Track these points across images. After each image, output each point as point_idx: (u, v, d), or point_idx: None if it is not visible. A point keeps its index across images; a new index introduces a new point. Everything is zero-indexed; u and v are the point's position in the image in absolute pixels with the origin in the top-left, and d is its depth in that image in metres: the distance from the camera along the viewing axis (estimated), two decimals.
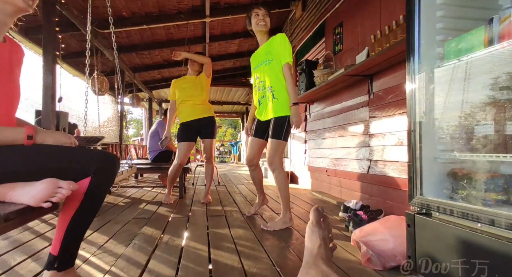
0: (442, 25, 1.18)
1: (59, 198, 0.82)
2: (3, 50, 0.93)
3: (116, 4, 3.50)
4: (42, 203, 0.80)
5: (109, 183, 0.98)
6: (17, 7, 0.89)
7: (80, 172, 0.90)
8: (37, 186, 0.81)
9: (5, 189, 0.83)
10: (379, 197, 2.26)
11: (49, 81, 2.55)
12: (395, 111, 2.10)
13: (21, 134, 0.87)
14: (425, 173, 1.17)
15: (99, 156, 0.93)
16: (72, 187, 0.84)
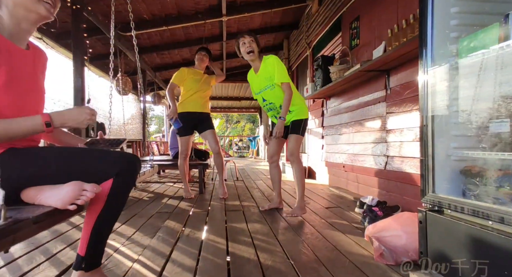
0: (456, 22, 1.16)
1: (84, 200, 0.84)
2: (27, 58, 0.95)
3: (137, 8, 3.65)
4: (68, 205, 0.83)
5: (130, 184, 0.99)
6: (39, 15, 0.93)
7: (103, 174, 0.92)
8: (63, 189, 0.84)
9: (34, 192, 0.86)
10: (397, 193, 2.25)
11: (79, 84, 2.74)
12: (413, 107, 2.07)
13: (38, 121, 0.85)
14: (438, 170, 1.18)
15: (121, 158, 0.94)
16: (96, 190, 0.86)
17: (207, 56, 2.92)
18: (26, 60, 0.94)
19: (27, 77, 0.94)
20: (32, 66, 0.98)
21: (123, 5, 3.42)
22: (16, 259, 1.34)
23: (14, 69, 0.88)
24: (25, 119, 0.84)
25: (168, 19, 4.07)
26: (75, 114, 0.91)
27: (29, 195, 0.86)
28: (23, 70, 0.93)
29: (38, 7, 0.91)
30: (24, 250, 1.44)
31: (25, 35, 0.95)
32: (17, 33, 0.92)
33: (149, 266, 1.27)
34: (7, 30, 0.90)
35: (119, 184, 0.93)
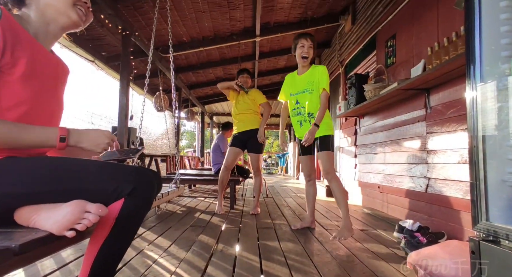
0: (507, 41, 1.12)
1: (85, 225, 0.67)
2: (51, 60, 0.88)
3: (177, 31, 3.93)
4: (65, 231, 0.66)
5: (146, 206, 0.81)
6: (70, 20, 0.88)
7: (114, 193, 0.75)
8: (63, 209, 0.68)
9: (29, 212, 0.71)
10: (441, 218, 2.10)
11: (124, 102, 2.97)
12: (457, 127, 1.96)
13: (53, 135, 0.75)
14: (491, 196, 1.09)
15: (135, 174, 0.78)
16: (101, 212, 0.69)
17: (249, 78, 3.07)
18: (48, 62, 0.87)
19: (47, 78, 0.85)
20: (55, 70, 0.90)
21: (166, 30, 3.71)
22: (67, 263, 1.43)
23: (35, 65, 0.80)
24: (39, 128, 0.74)
25: (205, 40, 4.33)
26: (94, 136, 0.81)
27: (23, 215, 0.71)
28: (44, 70, 0.83)
29: (71, 11, 0.87)
30: (73, 255, 1.54)
31: (52, 39, 0.90)
32: (43, 34, 0.86)
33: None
34: (33, 28, 0.84)
35: (131, 205, 0.76)
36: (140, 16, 3.45)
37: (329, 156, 2.11)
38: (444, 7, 2.14)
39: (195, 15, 3.66)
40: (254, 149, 2.96)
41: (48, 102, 0.86)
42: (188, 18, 3.72)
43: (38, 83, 0.82)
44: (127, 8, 3.23)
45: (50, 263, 1.43)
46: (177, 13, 3.53)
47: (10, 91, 0.73)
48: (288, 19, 4.16)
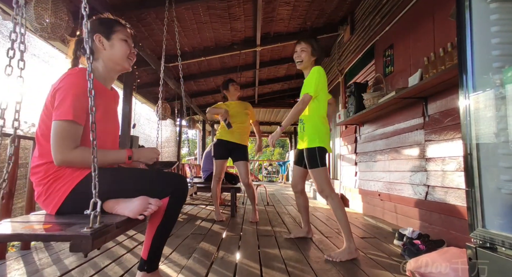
0: (498, 53, 1.16)
1: (149, 212, 1.02)
2: (112, 97, 1.25)
3: (180, 42, 4.01)
4: (138, 215, 1.01)
5: (182, 201, 1.18)
6: (123, 67, 1.22)
7: (162, 192, 1.10)
8: (134, 202, 1.02)
9: (113, 204, 1.05)
10: (441, 226, 2.11)
11: (127, 110, 3.02)
12: (454, 135, 1.99)
13: (124, 155, 1.11)
14: (487, 203, 1.12)
15: (176, 179, 1.15)
16: (159, 204, 1.05)
17: (238, 85, 3.14)
18: (112, 100, 1.23)
19: (112, 112, 1.24)
20: (114, 103, 1.28)
21: (169, 41, 3.80)
22: (70, 270, 1.45)
23: (106, 107, 1.16)
24: (115, 152, 1.12)
25: (206, 50, 4.40)
26: (148, 153, 1.18)
27: (108, 205, 1.05)
28: (111, 108, 1.21)
29: (125, 62, 1.21)
30: (76, 263, 1.56)
31: (111, 80, 1.25)
32: (107, 79, 1.21)
33: None
34: (101, 77, 1.18)
35: (174, 200, 1.12)
36: (143, 27, 3.54)
37: (319, 172, 1.88)
38: (440, 18, 2.20)
39: (197, 26, 3.74)
40: (241, 157, 2.95)
41: (113, 128, 1.23)
42: (190, 29, 3.80)
43: (108, 118, 1.18)
44: (130, 20, 3.31)
45: (52, 270, 1.45)
46: (179, 24, 3.62)
47: None
48: (287, 30, 4.25)
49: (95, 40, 1.15)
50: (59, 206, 1.02)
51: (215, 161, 3.00)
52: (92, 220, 0.82)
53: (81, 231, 0.79)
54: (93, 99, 0.90)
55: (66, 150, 0.99)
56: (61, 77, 1.06)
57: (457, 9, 1.23)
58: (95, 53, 1.17)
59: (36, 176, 1.05)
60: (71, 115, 0.99)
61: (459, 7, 1.21)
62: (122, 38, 1.19)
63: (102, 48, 1.16)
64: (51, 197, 1.02)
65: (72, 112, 0.99)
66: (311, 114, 1.99)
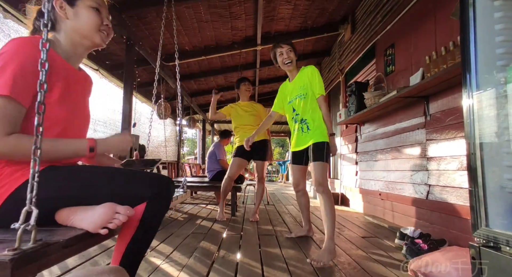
0: (503, 51, 1.15)
1: (116, 224, 0.79)
2: (79, 77, 0.99)
3: (180, 40, 4.01)
4: (100, 229, 0.77)
5: (164, 208, 0.93)
6: (93, 42, 0.98)
7: (137, 196, 0.86)
8: (96, 211, 0.79)
9: (67, 213, 0.81)
10: (442, 225, 2.10)
11: (127, 109, 3.01)
12: (456, 134, 1.98)
13: (84, 145, 0.86)
14: (490, 202, 1.11)
15: (156, 180, 0.90)
16: (129, 213, 0.81)
17: (251, 86, 3.12)
18: (78, 81, 0.98)
19: (78, 97, 0.98)
20: (83, 87, 1.02)
21: (169, 39, 3.79)
22: (71, 269, 1.44)
23: (68, 88, 0.91)
24: (71, 141, 0.86)
25: (206, 49, 4.40)
26: (118, 141, 0.95)
27: (62, 216, 0.81)
28: (75, 90, 0.95)
29: (95, 36, 0.97)
30: (77, 261, 1.55)
31: (79, 58, 1.01)
32: (72, 56, 0.97)
33: None
34: (64, 52, 0.95)
35: (153, 207, 0.88)
36: (143, 26, 3.53)
37: (323, 167, 1.89)
38: (441, 17, 2.20)
39: (198, 25, 3.73)
40: (261, 157, 2.99)
41: (79, 117, 0.98)
42: (190, 28, 3.79)
43: (71, 102, 0.93)
44: (131, 18, 3.30)
45: (54, 269, 1.44)
46: (180, 23, 3.61)
47: (48, 113, 0.79)
48: (288, 29, 4.24)
49: (55, 7, 0.91)
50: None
51: (234, 158, 2.98)
52: (19, 237, 0.58)
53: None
54: (45, 74, 0.69)
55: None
56: (7, 43, 0.81)
57: (460, 7, 1.22)
58: (56, 23, 0.94)
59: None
60: (8, 90, 0.74)
61: (463, 4, 1.20)
62: (91, 5, 0.95)
63: (64, 16, 0.93)
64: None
65: (10, 85, 0.74)
66: (317, 114, 1.99)
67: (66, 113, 0.89)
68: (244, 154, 2.95)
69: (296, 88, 2.08)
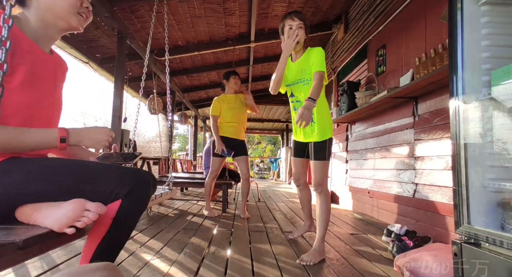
0: (488, 55, 1.19)
1: (85, 222, 0.71)
2: (49, 62, 0.90)
3: (173, 35, 3.96)
4: (66, 228, 0.70)
5: (141, 207, 0.85)
6: (69, 25, 0.89)
7: (111, 194, 0.79)
8: (63, 208, 0.72)
9: (30, 210, 0.73)
10: (427, 223, 2.16)
11: (118, 104, 2.97)
12: (443, 135, 2.04)
13: (53, 136, 0.77)
14: (473, 200, 1.16)
15: (133, 176, 0.82)
16: (100, 210, 0.73)
17: (240, 79, 3.12)
18: (47, 65, 0.89)
19: (47, 82, 0.88)
20: (54, 72, 0.92)
21: (161, 33, 3.75)
22: (58, 265, 1.43)
23: (35, 71, 0.82)
24: (39, 131, 0.77)
25: (200, 45, 4.36)
26: (93, 134, 0.84)
27: (24, 213, 0.74)
28: (43, 74, 0.86)
29: (71, 18, 0.88)
30: (65, 256, 1.54)
31: (50, 40, 0.91)
32: (42, 37, 0.87)
33: None
34: (33, 32, 0.85)
35: (128, 206, 0.80)
36: (136, 19, 3.47)
37: (324, 167, 1.80)
38: (432, 20, 2.24)
39: (191, 19, 3.70)
40: (242, 152, 3.00)
41: (48, 105, 0.88)
42: (183, 23, 3.75)
43: (38, 88, 0.84)
44: (123, 11, 3.24)
45: (38, 265, 1.42)
46: (173, 17, 3.57)
47: (10, 99, 0.74)
48: None
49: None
50: None
51: (213, 158, 2.99)
52: None
53: None
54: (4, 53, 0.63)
55: None
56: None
57: (449, 11, 1.26)
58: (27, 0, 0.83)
59: None
60: None
61: (451, 9, 1.24)
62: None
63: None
64: None
65: None
66: (320, 103, 1.75)
67: (30, 100, 0.81)
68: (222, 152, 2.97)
69: (298, 71, 1.82)
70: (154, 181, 0.89)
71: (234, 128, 2.97)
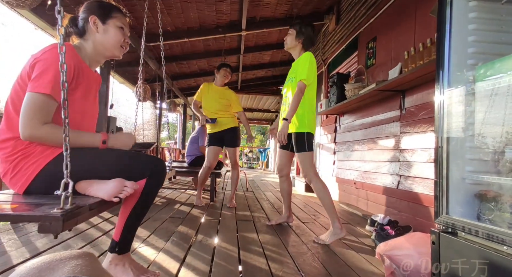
0: (473, 50, 1.21)
1: (125, 194, 0.99)
2: (96, 79, 1.20)
3: (162, 21, 3.83)
4: (113, 197, 0.97)
5: (160, 184, 1.15)
6: (113, 55, 1.20)
7: (139, 174, 1.08)
8: (109, 184, 0.99)
9: (86, 184, 1.01)
10: (409, 213, 2.24)
11: (104, 90, 2.89)
12: (427, 128, 2.09)
13: (98, 138, 1.07)
14: (452, 192, 1.20)
15: (153, 161, 1.12)
16: (135, 187, 1.02)
17: (230, 73, 3.07)
18: (95, 81, 1.19)
19: (93, 92, 1.19)
20: (97, 86, 1.24)
21: (150, 19, 3.62)
22: (41, 252, 1.41)
23: (88, 88, 1.13)
24: (90, 134, 1.07)
25: (190, 31, 4.25)
26: (125, 139, 1.16)
27: (82, 187, 1.01)
28: (92, 89, 1.17)
29: (116, 50, 1.19)
30: (48, 244, 1.52)
31: (97, 63, 1.21)
32: (93, 62, 1.18)
33: (165, 268, 1.32)
34: (87, 58, 1.15)
35: (151, 183, 1.09)
36: (123, 2, 3.34)
37: (306, 156, 1.96)
38: (422, 14, 2.25)
39: (181, 4, 3.59)
40: (232, 143, 3.00)
41: (91, 109, 1.19)
42: (173, 7, 3.64)
43: (88, 98, 1.14)
44: None
45: (21, 252, 1.40)
46: (162, 1, 3.45)
47: (73, 106, 1.03)
48: (274, 15, 4.18)
49: (89, 21, 1.13)
50: (27, 185, 0.97)
51: (208, 147, 2.98)
52: (63, 200, 0.78)
53: (51, 211, 0.75)
54: (65, 75, 0.84)
55: (36, 124, 0.93)
56: (45, 49, 0.99)
57: (438, 5, 1.26)
58: (87, 34, 1.14)
59: (3, 152, 0.98)
60: (49, 89, 0.94)
61: (441, 3, 1.25)
62: (118, 25, 1.17)
63: (95, 30, 1.14)
64: (19, 175, 0.97)
65: (51, 86, 0.94)
66: (303, 102, 1.98)
67: (83, 108, 1.11)
68: (217, 141, 2.97)
69: (291, 71, 2.13)
70: (164, 165, 1.17)
71: (217, 124, 2.96)
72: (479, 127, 1.20)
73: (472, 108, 1.20)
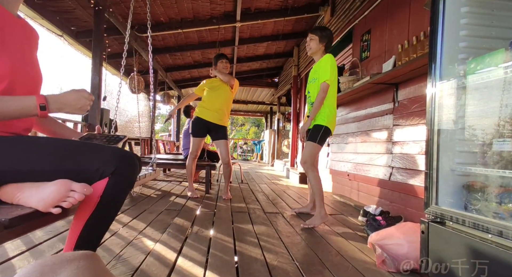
0: (465, 44, 1.23)
1: (70, 203, 0.71)
2: (19, 26, 0.84)
3: (155, 11, 3.77)
4: (51, 208, 0.69)
5: (128, 185, 0.85)
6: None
7: (96, 172, 0.78)
8: (48, 188, 0.71)
9: (13, 190, 0.72)
10: (400, 203, 2.30)
11: (96, 81, 2.85)
12: (419, 121, 2.13)
13: (32, 103, 0.73)
14: (442, 183, 1.24)
15: (119, 155, 0.81)
16: (86, 191, 0.73)
17: (229, 63, 3.04)
18: (18, 29, 0.83)
19: (21, 47, 0.83)
20: (26, 37, 0.86)
21: (142, 8, 3.56)
22: (37, 245, 1.42)
23: (5, 36, 0.77)
24: (17, 99, 0.73)
25: (183, 22, 4.19)
26: (73, 99, 0.79)
27: (7, 192, 0.73)
28: (15, 39, 0.81)
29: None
30: (43, 237, 1.53)
31: (15, 3, 0.85)
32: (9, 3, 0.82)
33: (162, 258, 1.35)
34: None
35: (115, 185, 0.79)
36: None
37: (312, 147, 2.12)
38: (415, 7, 2.26)
39: None
40: (220, 135, 2.98)
41: (27, 72, 0.83)
42: None
43: (13, 54, 0.79)
44: None
45: (16, 245, 1.40)
46: None
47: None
48: (269, 6, 4.14)
49: None
50: None
51: (193, 138, 2.98)
52: None
53: None
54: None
55: None
56: None
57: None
58: None
59: None
60: None
61: None
62: None
63: None
64: None
65: None
66: (327, 100, 2.17)
67: (8, 67, 0.76)
68: (201, 131, 2.96)
69: (313, 72, 2.30)
70: (139, 159, 0.88)
71: (216, 113, 2.95)
72: (468, 120, 1.24)
73: (462, 101, 1.23)
